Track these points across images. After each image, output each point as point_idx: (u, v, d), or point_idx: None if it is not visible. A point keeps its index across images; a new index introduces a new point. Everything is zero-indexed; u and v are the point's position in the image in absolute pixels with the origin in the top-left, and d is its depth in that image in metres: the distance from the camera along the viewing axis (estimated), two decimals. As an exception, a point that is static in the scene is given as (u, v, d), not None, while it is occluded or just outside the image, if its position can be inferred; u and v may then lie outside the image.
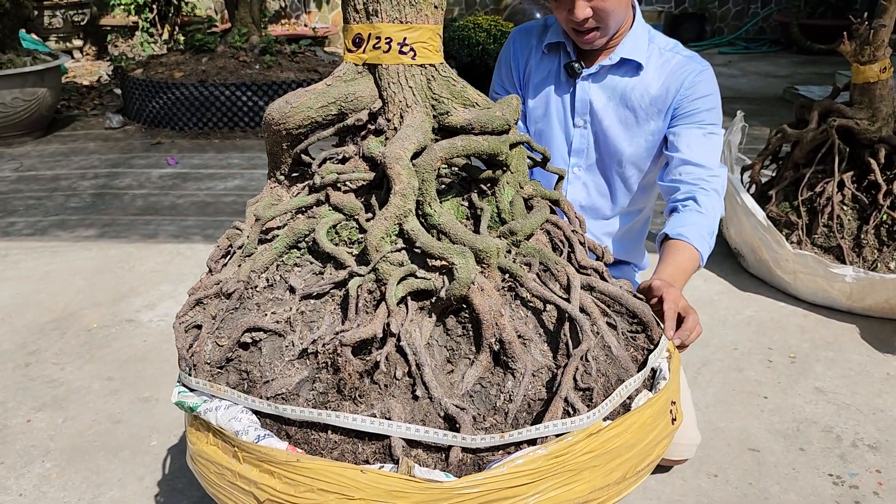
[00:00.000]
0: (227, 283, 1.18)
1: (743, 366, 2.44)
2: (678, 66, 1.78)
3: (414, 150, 1.13)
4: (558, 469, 1.03)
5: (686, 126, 1.78)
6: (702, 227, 1.66)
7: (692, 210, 1.70)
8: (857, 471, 1.94)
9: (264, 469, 1.05)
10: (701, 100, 1.77)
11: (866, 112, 2.79)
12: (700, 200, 1.70)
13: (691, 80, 1.76)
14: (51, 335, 2.68)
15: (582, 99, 1.84)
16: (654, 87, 1.79)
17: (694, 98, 1.77)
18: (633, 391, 1.15)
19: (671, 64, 1.79)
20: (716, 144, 1.78)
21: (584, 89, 1.83)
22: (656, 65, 1.80)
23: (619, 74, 1.81)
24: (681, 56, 1.80)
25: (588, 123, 1.86)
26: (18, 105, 5.15)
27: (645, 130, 1.82)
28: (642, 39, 1.80)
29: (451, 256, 1.06)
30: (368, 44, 1.19)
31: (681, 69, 1.78)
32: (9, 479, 1.95)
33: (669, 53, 1.81)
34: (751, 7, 9.85)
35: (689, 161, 1.74)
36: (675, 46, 1.83)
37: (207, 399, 1.15)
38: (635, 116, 1.82)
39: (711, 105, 1.78)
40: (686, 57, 1.80)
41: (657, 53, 1.81)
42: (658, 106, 1.80)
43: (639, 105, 1.80)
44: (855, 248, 2.76)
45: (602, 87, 1.83)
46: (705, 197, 1.71)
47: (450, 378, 1.11)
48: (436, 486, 0.98)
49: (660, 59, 1.80)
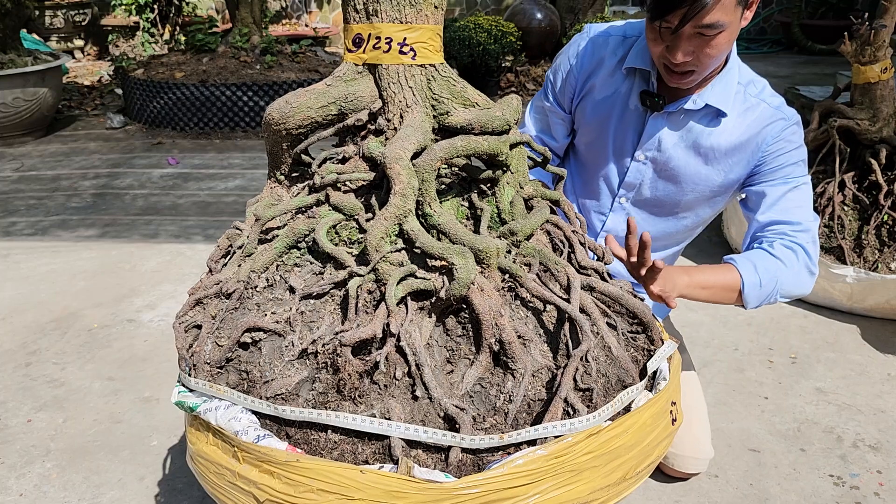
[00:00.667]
0: (227, 283, 1.18)
1: (744, 366, 2.44)
2: (763, 117, 1.60)
3: (414, 150, 1.13)
4: (558, 469, 1.03)
5: (769, 184, 1.61)
6: (758, 261, 1.53)
7: (760, 249, 1.58)
8: (858, 471, 1.94)
9: (264, 469, 1.05)
10: (786, 154, 1.60)
11: (867, 112, 2.78)
12: (775, 246, 1.57)
13: (776, 136, 1.59)
14: (52, 335, 2.68)
15: (651, 134, 1.65)
16: (733, 136, 1.61)
17: (779, 154, 1.60)
18: (636, 395, 1.15)
19: (755, 112, 1.60)
20: (805, 196, 1.61)
21: (657, 126, 1.65)
22: (739, 111, 1.61)
23: (698, 119, 1.62)
24: (766, 105, 1.60)
25: (649, 160, 1.68)
26: (20, 105, 5.15)
27: (713, 179, 1.65)
28: (731, 83, 1.60)
29: (450, 257, 1.06)
30: (368, 44, 1.19)
31: (766, 122, 1.59)
32: (9, 478, 1.95)
33: (755, 99, 1.61)
34: (752, 7, 9.83)
35: (773, 220, 1.60)
36: (762, 91, 1.63)
37: (207, 399, 1.15)
38: (705, 163, 1.64)
39: (798, 158, 1.61)
40: (773, 108, 1.60)
41: (742, 98, 1.61)
42: (734, 157, 1.62)
43: (711, 152, 1.62)
44: (856, 248, 2.76)
45: (676, 127, 1.64)
46: (782, 244, 1.57)
47: (449, 378, 1.11)
48: (435, 486, 0.98)
49: (744, 105, 1.61)
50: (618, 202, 1.77)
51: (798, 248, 1.56)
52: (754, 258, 1.55)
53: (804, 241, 1.57)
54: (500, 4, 9.34)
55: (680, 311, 2.80)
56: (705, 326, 2.70)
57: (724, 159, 1.63)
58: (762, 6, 9.76)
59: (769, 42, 9.44)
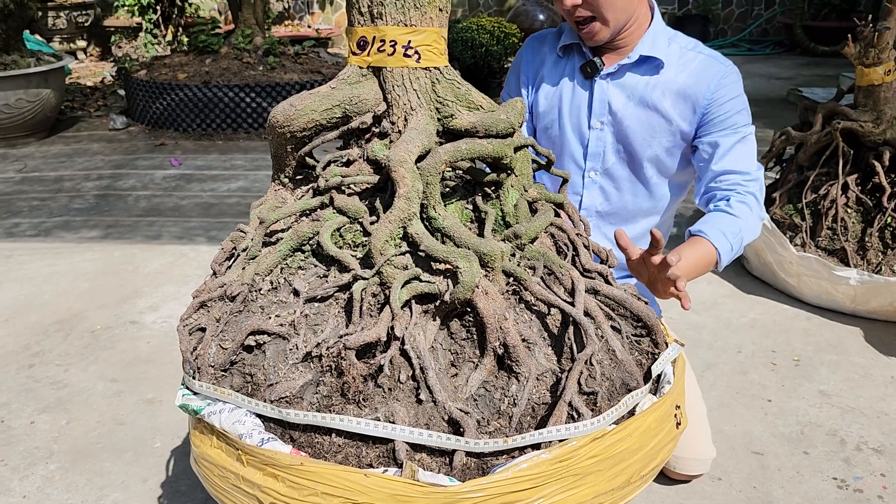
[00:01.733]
0: (232, 286, 1.18)
1: (747, 369, 2.44)
2: (702, 66, 1.72)
3: (418, 153, 1.13)
4: (563, 473, 1.03)
5: (718, 134, 1.72)
6: (725, 227, 1.62)
7: (721, 210, 1.67)
8: (862, 475, 1.93)
9: (268, 472, 1.05)
10: (730, 102, 1.71)
11: (871, 114, 2.78)
12: (732, 202, 1.67)
13: (717, 83, 1.70)
14: (55, 336, 2.69)
15: (600, 100, 1.77)
16: (676, 84, 1.72)
17: (722, 102, 1.71)
18: (641, 399, 1.15)
19: (694, 63, 1.72)
20: (750, 147, 1.73)
21: (603, 89, 1.77)
22: (677, 63, 1.73)
23: (640, 73, 1.74)
24: (703, 55, 1.73)
25: (605, 125, 1.79)
26: (23, 106, 5.16)
27: (666, 130, 1.75)
28: (662, 39, 1.74)
29: (455, 260, 1.06)
30: (373, 47, 1.19)
31: (705, 71, 1.71)
32: (13, 480, 1.95)
33: (692, 53, 1.74)
34: (754, 9, 9.84)
35: (724, 170, 1.70)
36: (696, 45, 1.76)
37: (211, 402, 1.15)
38: (657, 115, 1.74)
39: (741, 106, 1.72)
40: (709, 56, 1.73)
41: (678, 52, 1.74)
42: (681, 106, 1.73)
43: (660, 103, 1.73)
44: (859, 250, 2.75)
45: (621, 87, 1.76)
46: (738, 199, 1.67)
47: (454, 382, 1.11)
48: (440, 490, 0.98)
49: (681, 59, 1.73)
50: (588, 177, 1.86)
51: (750, 199, 1.68)
52: (721, 225, 1.62)
53: (754, 189, 1.69)
54: (503, 6, 9.34)
55: (683, 314, 2.80)
56: (708, 329, 2.70)
57: (672, 108, 1.73)
58: (765, 8, 9.76)
59: (772, 43, 9.43)
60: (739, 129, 1.72)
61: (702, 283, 3.07)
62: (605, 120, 1.78)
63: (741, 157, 1.71)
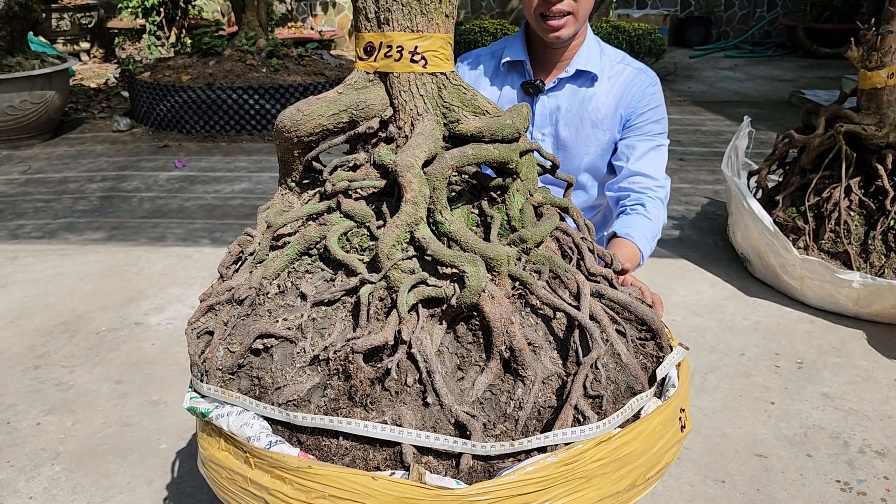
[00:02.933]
0: (239, 290, 1.19)
1: (750, 371, 2.44)
2: (629, 79, 1.84)
3: (425, 158, 1.14)
4: (568, 476, 1.04)
5: (636, 138, 1.85)
6: (646, 230, 1.74)
7: (640, 214, 1.78)
8: (865, 477, 1.94)
9: (276, 475, 1.06)
10: (650, 112, 1.84)
11: (873, 118, 2.79)
12: (648, 207, 1.79)
13: (641, 93, 1.83)
14: (60, 338, 2.70)
15: (541, 113, 1.88)
16: (607, 98, 1.84)
17: (643, 112, 1.84)
18: (646, 403, 1.15)
19: (622, 76, 1.85)
20: (662, 156, 1.86)
21: (544, 103, 1.87)
22: (608, 75, 1.85)
23: (576, 86, 1.85)
24: (631, 68, 1.86)
25: (546, 136, 1.90)
26: (27, 107, 5.18)
27: (600, 140, 1.87)
28: (594, 52, 1.85)
29: (462, 264, 1.07)
30: (380, 52, 1.19)
31: (632, 82, 1.84)
32: (19, 481, 1.96)
33: (620, 66, 1.86)
34: (757, 11, 9.84)
35: (639, 172, 1.82)
36: (623, 58, 1.88)
37: (219, 405, 1.15)
38: (591, 127, 1.86)
39: (659, 117, 1.86)
40: (636, 69, 1.86)
41: (609, 65, 1.86)
42: (610, 118, 1.85)
43: (595, 116, 1.85)
44: (862, 253, 2.76)
45: (560, 99, 1.86)
46: (652, 205, 1.80)
47: (460, 385, 1.11)
48: (447, 493, 0.98)
49: (611, 71, 1.85)
50: None
51: (660, 204, 1.83)
52: (643, 230, 1.75)
53: (662, 195, 1.84)
54: (505, 7, 9.35)
55: (686, 317, 2.80)
56: (711, 331, 2.71)
57: (603, 120, 1.86)
58: (767, 10, 9.76)
59: (774, 46, 9.44)
60: (655, 136, 1.86)
61: (704, 286, 3.08)
62: (547, 131, 1.90)
63: (654, 164, 1.84)
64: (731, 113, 6.06)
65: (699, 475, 1.94)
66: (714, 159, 4.73)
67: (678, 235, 3.60)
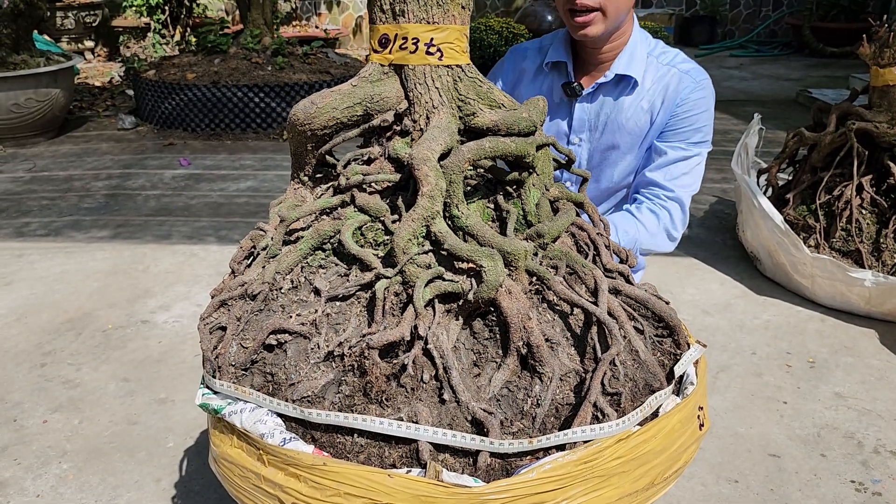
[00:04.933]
0: (252, 285, 1.18)
1: (762, 370, 2.42)
2: (672, 83, 1.73)
3: (441, 151, 1.12)
4: (587, 475, 1.02)
5: (668, 144, 1.75)
6: (620, 223, 1.69)
7: (628, 211, 1.75)
8: (881, 477, 1.91)
9: (290, 472, 1.04)
10: (691, 118, 1.73)
11: (885, 115, 2.76)
12: (642, 209, 1.74)
13: (684, 97, 1.72)
14: (66, 336, 2.69)
15: (580, 118, 1.81)
16: (646, 104, 1.75)
17: (684, 116, 1.73)
18: (664, 400, 1.13)
19: (665, 79, 1.74)
20: (689, 167, 1.74)
21: (583, 108, 1.80)
22: (652, 80, 1.75)
23: (616, 92, 1.77)
24: (676, 70, 1.74)
25: (583, 142, 1.84)
26: (32, 105, 5.17)
27: (637, 148, 1.80)
28: (640, 53, 1.74)
29: (479, 259, 1.05)
30: (395, 44, 1.18)
31: (674, 87, 1.73)
32: (26, 479, 1.95)
33: (666, 67, 1.75)
34: (762, 10, 9.81)
35: (654, 182, 1.75)
36: (674, 58, 1.76)
37: (232, 401, 1.14)
38: (628, 136, 1.78)
39: (702, 124, 1.74)
40: (682, 72, 1.74)
41: (654, 67, 1.75)
42: (649, 127, 1.76)
43: (634, 125, 1.76)
44: (874, 252, 2.73)
45: (598, 105, 1.79)
46: (648, 208, 1.74)
47: (476, 382, 1.10)
48: (464, 491, 0.97)
49: (656, 74, 1.75)
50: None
51: (663, 213, 1.74)
52: (618, 221, 1.71)
53: (671, 207, 1.75)
54: (510, 6, 9.34)
55: (696, 316, 2.78)
56: (722, 330, 2.69)
57: (644, 126, 1.77)
58: (773, 9, 9.73)
59: (780, 45, 9.41)
60: (690, 146, 1.74)
61: (714, 284, 3.06)
62: (584, 136, 1.83)
63: (676, 174, 1.74)
64: (738, 112, 6.03)
65: (712, 475, 1.92)
66: (721, 158, 4.70)
67: (687, 234, 3.57)
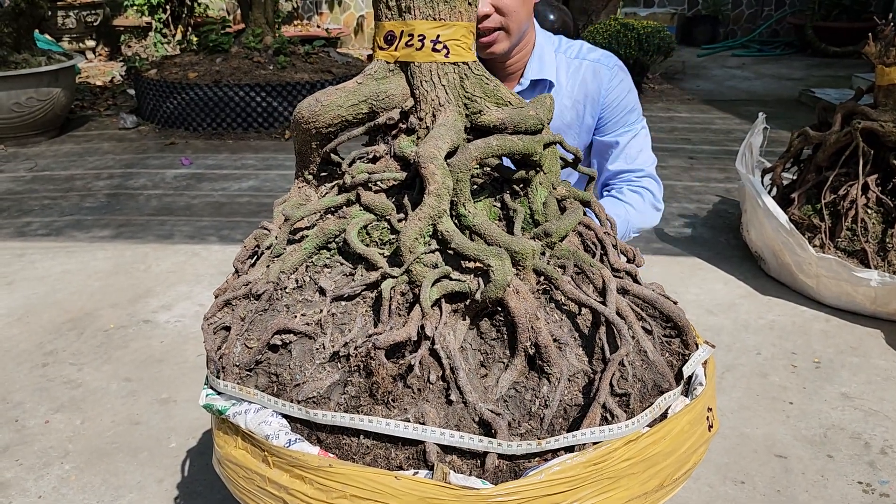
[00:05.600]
0: (256, 284, 1.16)
1: (767, 371, 2.41)
2: (588, 75, 1.75)
3: (448, 149, 1.11)
4: (596, 477, 1.01)
5: (613, 134, 1.78)
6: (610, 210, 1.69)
7: (611, 196, 1.77)
8: (888, 478, 1.90)
9: (295, 474, 1.03)
10: (621, 104, 1.77)
11: (891, 114, 2.75)
12: (624, 191, 1.77)
13: (607, 87, 1.75)
14: (68, 335, 2.67)
15: None
16: (568, 101, 1.76)
17: (615, 105, 1.76)
18: (673, 401, 1.12)
19: (580, 73, 1.76)
20: (642, 141, 1.80)
21: None
22: (566, 75, 1.76)
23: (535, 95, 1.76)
24: (588, 62, 1.76)
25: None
26: (33, 105, 5.16)
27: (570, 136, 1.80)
28: (548, 54, 1.75)
29: (487, 258, 1.03)
30: (401, 41, 1.16)
31: (594, 77, 1.75)
32: (27, 480, 1.94)
33: (577, 61, 1.76)
34: (764, 9, 9.79)
35: (620, 170, 1.79)
36: (580, 51, 1.78)
37: (236, 402, 1.13)
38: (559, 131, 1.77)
39: (632, 104, 1.79)
40: (593, 62, 1.76)
41: (565, 64, 1.76)
42: (575, 120, 1.77)
43: (560, 123, 1.77)
44: (880, 251, 2.72)
45: None
46: (630, 190, 1.78)
47: (484, 383, 1.08)
48: (472, 493, 0.95)
49: (569, 70, 1.76)
50: None
51: (643, 191, 1.79)
52: (607, 206, 1.71)
53: (647, 184, 1.80)
54: (512, 6, 9.30)
55: (700, 315, 2.77)
56: (726, 330, 2.67)
57: (573, 124, 1.78)
58: (775, 9, 9.71)
59: (782, 44, 9.38)
60: (631, 126, 1.80)
61: (718, 284, 3.04)
62: None
63: (634, 155, 1.80)
64: (741, 111, 6.02)
65: (719, 476, 1.91)
66: (725, 157, 4.69)
67: (690, 234, 3.56)
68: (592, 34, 6.25)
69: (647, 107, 6.19)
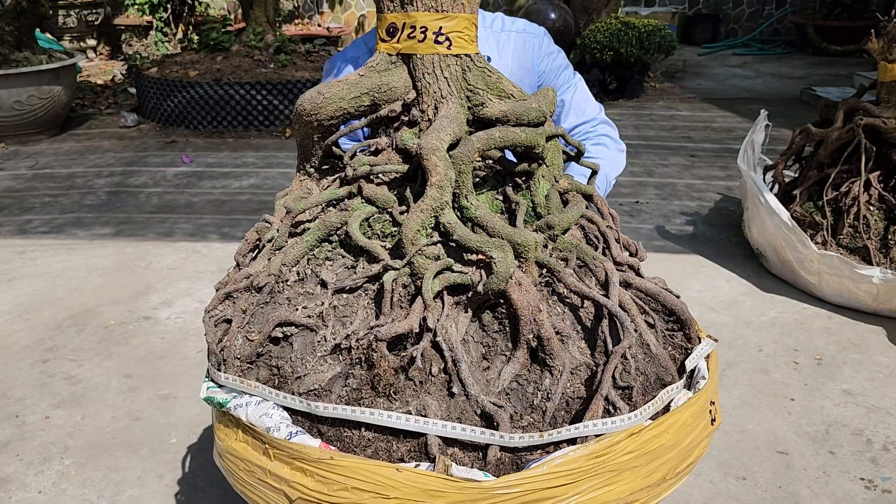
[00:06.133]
0: (258, 277, 1.16)
1: (769, 367, 2.40)
2: (519, 45, 1.78)
3: (450, 141, 1.10)
4: (599, 469, 1.00)
5: (557, 95, 1.78)
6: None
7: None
8: (890, 475, 1.90)
9: (296, 467, 1.03)
10: (555, 64, 1.82)
11: (894, 111, 2.74)
12: (589, 147, 1.80)
13: (539, 54, 1.79)
14: (69, 332, 2.67)
15: None
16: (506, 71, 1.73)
17: (550, 70, 1.82)
18: (676, 394, 1.12)
19: (511, 45, 1.78)
20: (583, 92, 1.86)
21: None
22: (498, 49, 1.77)
23: None
24: (515, 33, 1.79)
25: None
26: (34, 103, 5.16)
27: None
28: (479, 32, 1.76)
29: (489, 250, 1.03)
30: (403, 33, 1.16)
31: (524, 48, 1.78)
32: (28, 475, 1.94)
33: (505, 34, 1.79)
34: (765, 8, 9.78)
35: (573, 125, 1.85)
36: (504, 24, 1.80)
37: (237, 395, 1.12)
38: None
39: (563, 62, 1.84)
40: (519, 33, 1.79)
41: (494, 38, 1.78)
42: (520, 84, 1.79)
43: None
44: (882, 248, 2.71)
45: None
46: (593, 144, 1.82)
47: (486, 375, 1.08)
48: (474, 485, 0.95)
49: (498, 44, 1.78)
50: None
51: (604, 139, 1.85)
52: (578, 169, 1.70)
53: (604, 130, 1.87)
54: (513, 4, 9.31)
55: (702, 312, 2.76)
56: (728, 327, 2.67)
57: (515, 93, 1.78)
58: (776, 7, 9.70)
59: (783, 43, 9.37)
60: (569, 81, 1.86)
61: (720, 281, 3.04)
62: None
63: (582, 107, 1.86)
64: (742, 110, 6.01)
65: (720, 472, 1.91)
66: (726, 156, 4.68)
67: (692, 231, 3.56)
68: (593, 33, 6.24)
69: (648, 105, 6.18)
